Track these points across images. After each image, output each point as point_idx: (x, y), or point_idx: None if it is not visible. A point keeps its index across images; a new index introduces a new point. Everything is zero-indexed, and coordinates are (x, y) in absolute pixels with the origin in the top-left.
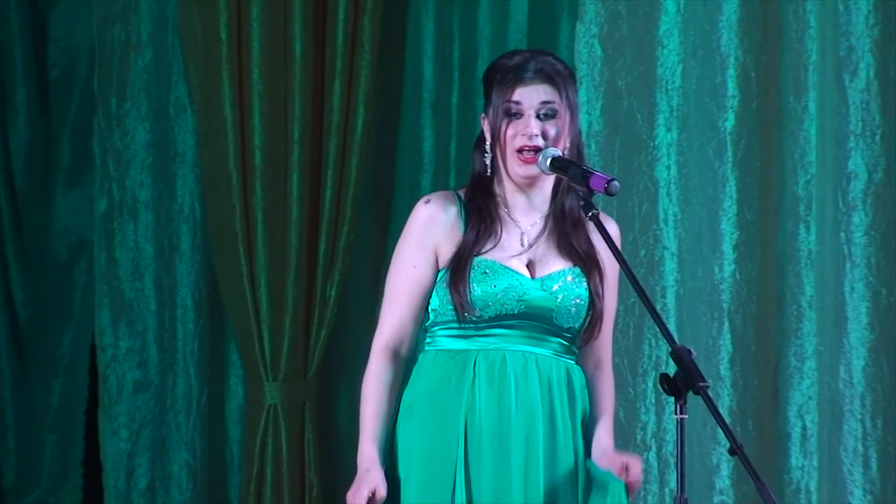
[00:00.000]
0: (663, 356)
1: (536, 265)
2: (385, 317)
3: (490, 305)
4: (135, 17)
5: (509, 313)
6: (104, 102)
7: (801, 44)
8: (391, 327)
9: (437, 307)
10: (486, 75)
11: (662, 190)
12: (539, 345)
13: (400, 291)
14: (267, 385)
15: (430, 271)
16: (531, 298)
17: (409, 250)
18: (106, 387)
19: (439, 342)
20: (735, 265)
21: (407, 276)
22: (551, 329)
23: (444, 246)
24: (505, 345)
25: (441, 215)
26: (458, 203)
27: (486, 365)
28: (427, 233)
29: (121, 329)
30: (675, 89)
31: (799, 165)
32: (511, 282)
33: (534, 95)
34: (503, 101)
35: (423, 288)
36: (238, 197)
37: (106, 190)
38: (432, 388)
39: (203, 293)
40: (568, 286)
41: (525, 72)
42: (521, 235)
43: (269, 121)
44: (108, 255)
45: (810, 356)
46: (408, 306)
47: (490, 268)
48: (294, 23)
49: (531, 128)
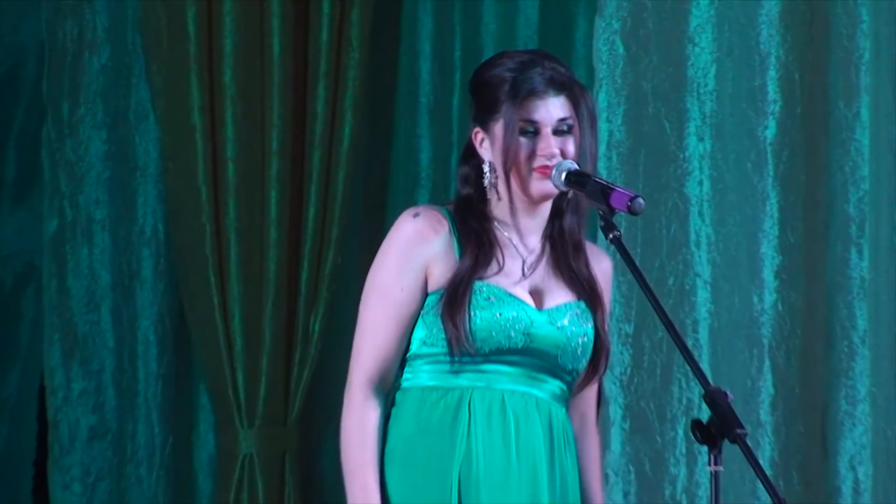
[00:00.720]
0: (695, 399)
1: (540, 295)
2: (365, 348)
3: (492, 337)
4: (89, 11)
5: (512, 348)
6: (54, 108)
7: (852, 41)
8: (374, 361)
9: (425, 337)
10: (483, 83)
11: (694, 208)
12: (538, 386)
13: (385, 319)
14: (241, 433)
15: (419, 295)
16: (538, 333)
17: (395, 271)
18: (57, 434)
19: (424, 377)
20: (777, 295)
21: (393, 302)
22: (553, 370)
23: (435, 267)
24: (504, 384)
25: (432, 231)
26: (448, 220)
27: (484, 406)
28: (416, 251)
29: (73, 368)
30: (708, 93)
31: (850, 180)
32: (517, 311)
33: (551, 111)
34: (517, 118)
35: (410, 315)
36: (208, 216)
37: (56, 208)
38: (419, 432)
39: (168, 327)
40: (575, 321)
41: (537, 83)
42: (522, 262)
43: (243, 129)
44: (58, 284)
45: (863, 399)
46: (394, 336)
47: (494, 294)
48: (272, 17)
49: (551, 147)
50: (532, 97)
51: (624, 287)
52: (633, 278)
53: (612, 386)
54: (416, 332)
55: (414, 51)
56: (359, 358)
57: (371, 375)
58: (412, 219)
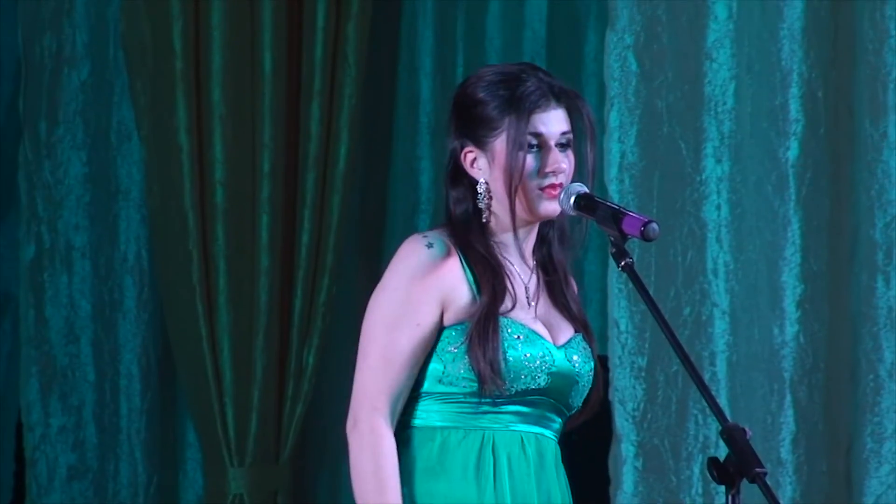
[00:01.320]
0: (712, 436)
1: (552, 328)
2: (374, 385)
3: (522, 378)
4: (68, 24)
5: (535, 388)
6: (31, 128)
7: (879, 56)
8: (385, 397)
9: (441, 375)
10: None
11: (711, 234)
12: (548, 426)
13: (397, 355)
14: (231, 471)
15: (435, 330)
16: (558, 371)
17: (411, 304)
18: (35, 473)
19: (439, 417)
20: (799, 326)
21: (411, 337)
22: (561, 408)
23: (452, 300)
24: (520, 425)
25: (447, 261)
26: (455, 246)
27: (506, 449)
28: (433, 283)
29: (52, 403)
30: (727, 112)
31: (876, 205)
32: (543, 350)
33: (555, 124)
34: (523, 131)
35: (426, 351)
36: (195, 243)
37: (34, 234)
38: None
39: (152, 359)
40: (583, 357)
41: (540, 94)
42: (525, 290)
43: (232, 150)
44: (36, 314)
45: (890, 437)
46: (406, 374)
47: (521, 332)
48: (263, 31)
49: (559, 161)
50: (537, 109)
51: (637, 318)
52: (647, 308)
53: (625, 422)
54: (434, 368)
55: (414, 67)
56: (366, 394)
57: (381, 412)
58: (425, 247)
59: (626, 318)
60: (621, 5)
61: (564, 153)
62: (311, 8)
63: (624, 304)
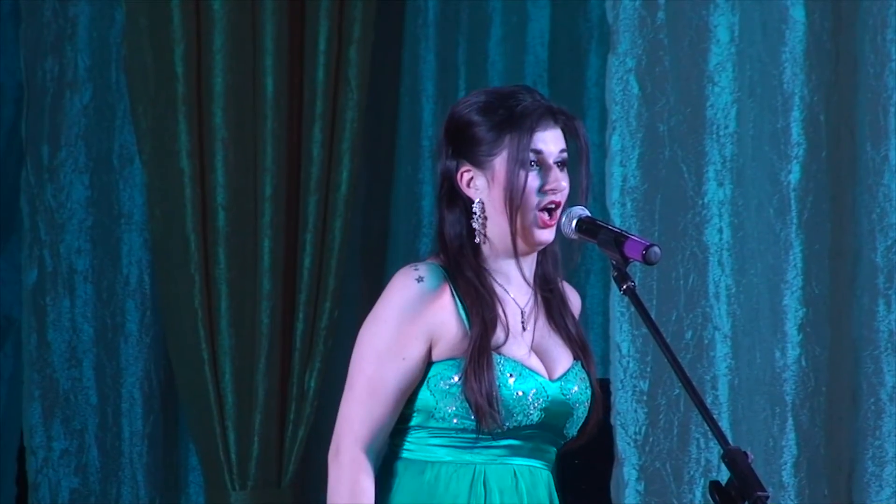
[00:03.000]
0: (714, 460)
1: (545, 358)
2: (357, 416)
3: (513, 416)
4: (70, 49)
5: (528, 423)
6: (34, 151)
7: (880, 80)
8: (368, 429)
9: (433, 409)
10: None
11: (713, 258)
12: (540, 456)
13: (383, 387)
14: (233, 495)
15: (422, 365)
16: (552, 406)
17: (398, 338)
18: (37, 497)
19: (430, 451)
20: (801, 349)
21: (397, 371)
22: (556, 439)
23: (442, 335)
24: (513, 459)
25: (438, 296)
26: (446, 279)
27: (498, 483)
28: (422, 318)
29: (54, 427)
30: (729, 135)
31: (878, 228)
32: (536, 387)
33: (554, 142)
34: (525, 148)
35: (412, 385)
36: (197, 266)
37: (36, 258)
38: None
39: (154, 383)
40: (581, 388)
41: (539, 113)
42: (520, 315)
43: (234, 174)
44: (38, 338)
45: (891, 460)
46: (391, 406)
47: (514, 369)
48: (265, 55)
49: (559, 179)
50: (538, 127)
51: (639, 341)
52: (648, 332)
53: (627, 446)
54: (423, 402)
55: (416, 91)
56: (350, 424)
57: (364, 444)
58: (416, 282)
59: (627, 341)
60: (623, 29)
61: (563, 172)
62: (312, 32)
63: (626, 327)
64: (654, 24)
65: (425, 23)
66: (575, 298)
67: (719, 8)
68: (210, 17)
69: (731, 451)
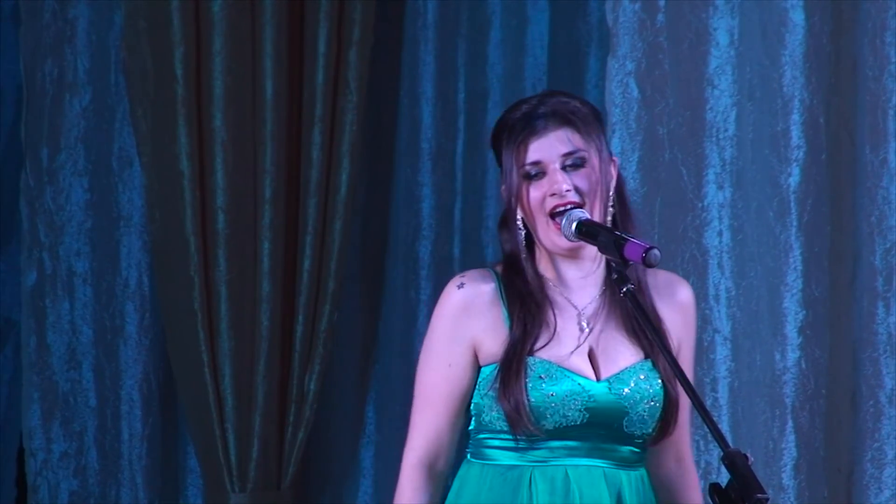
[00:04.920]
0: (714, 462)
1: (600, 358)
2: (417, 426)
3: (548, 418)
4: (70, 51)
5: (572, 424)
6: (33, 154)
7: (879, 83)
8: (425, 439)
9: (484, 413)
10: (493, 136)
11: (713, 260)
12: (607, 455)
13: (435, 395)
14: (232, 497)
15: (470, 369)
16: (598, 405)
17: (442, 344)
18: (36, 499)
19: (485, 453)
20: (800, 352)
21: (443, 377)
22: (620, 437)
23: (485, 339)
24: (567, 460)
25: (478, 302)
26: (496, 283)
27: (546, 484)
28: (462, 323)
29: (54, 429)
30: (728, 138)
31: (877, 231)
32: (572, 387)
33: (554, 146)
34: (518, 163)
35: (462, 390)
36: (197, 269)
37: (35, 260)
38: None
39: (153, 385)
40: (641, 386)
41: (535, 119)
42: (577, 317)
43: (234, 176)
44: (38, 340)
45: (890, 462)
46: (445, 413)
47: (547, 371)
48: (264, 57)
49: (559, 182)
50: (531, 136)
51: None
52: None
53: None
54: (474, 407)
55: (415, 93)
56: (412, 436)
57: (421, 455)
58: (456, 290)
59: None
60: (622, 32)
61: (575, 174)
62: (312, 34)
63: None
64: (654, 27)
65: (425, 25)
66: (681, 292)
67: (719, 11)
68: (209, 19)
69: (730, 453)
